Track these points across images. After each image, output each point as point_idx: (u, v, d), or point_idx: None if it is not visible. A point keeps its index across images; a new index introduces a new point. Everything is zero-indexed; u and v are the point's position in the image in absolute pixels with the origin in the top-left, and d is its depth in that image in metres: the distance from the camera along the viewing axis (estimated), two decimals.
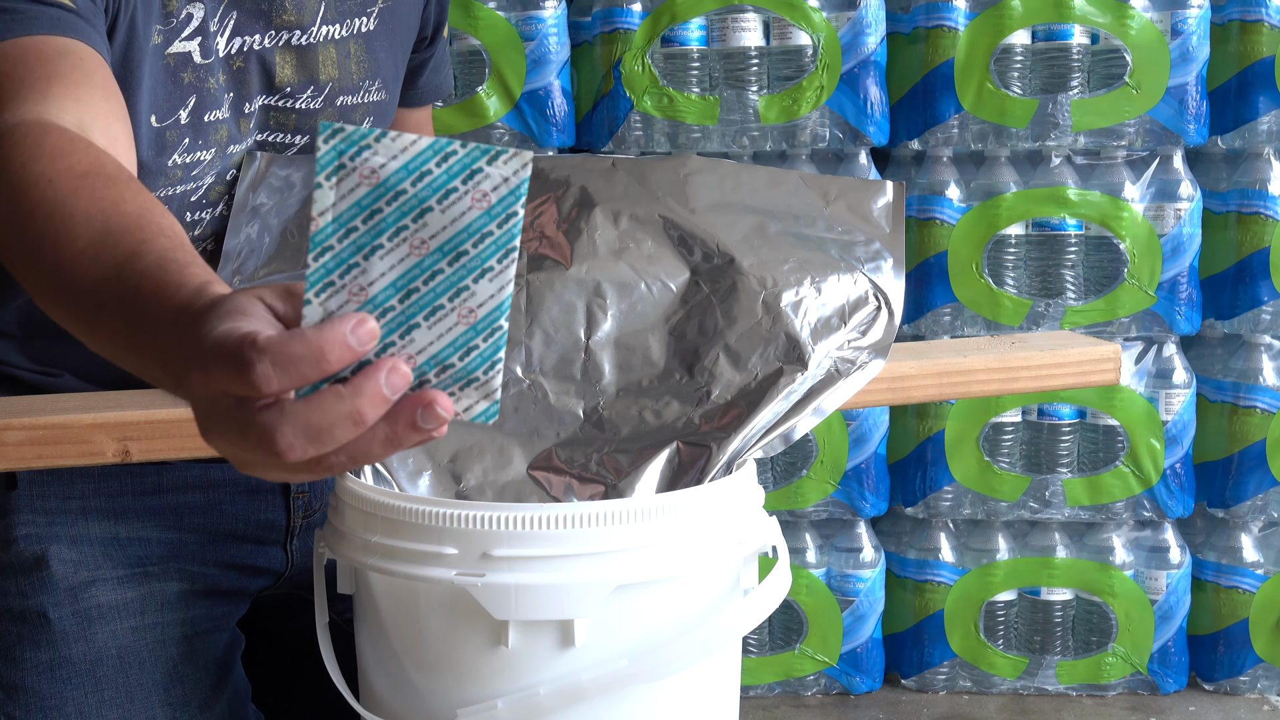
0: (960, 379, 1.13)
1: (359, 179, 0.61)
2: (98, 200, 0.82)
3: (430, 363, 0.65)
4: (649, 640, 0.93)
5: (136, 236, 0.78)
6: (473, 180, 0.61)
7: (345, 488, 0.98)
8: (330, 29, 1.21)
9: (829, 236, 1.13)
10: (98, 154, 0.89)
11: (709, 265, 1.11)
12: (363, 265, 0.62)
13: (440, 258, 0.63)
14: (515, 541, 0.91)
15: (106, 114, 0.97)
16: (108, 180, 0.85)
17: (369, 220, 0.62)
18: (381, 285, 0.63)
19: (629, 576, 0.91)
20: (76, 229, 0.80)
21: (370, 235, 0.62)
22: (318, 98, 1.21)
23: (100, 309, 0.76)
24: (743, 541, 0.96)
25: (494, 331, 0.64)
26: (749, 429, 1.01)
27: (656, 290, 1.10)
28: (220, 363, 0.62)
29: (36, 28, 0.99)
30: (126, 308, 0.74)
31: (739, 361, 1.05)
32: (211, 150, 1.16)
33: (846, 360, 1.06)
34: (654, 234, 1.13)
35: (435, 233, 0.62)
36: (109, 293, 0.76)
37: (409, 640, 0.96)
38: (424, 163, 0.61)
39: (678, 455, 1.02)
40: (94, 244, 0.78)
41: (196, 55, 1.13)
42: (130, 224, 0.79)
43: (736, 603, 0.98)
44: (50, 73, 0.96)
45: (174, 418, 1.01)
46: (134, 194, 0.84)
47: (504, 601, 0.91)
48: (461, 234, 0.62)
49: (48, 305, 0.83)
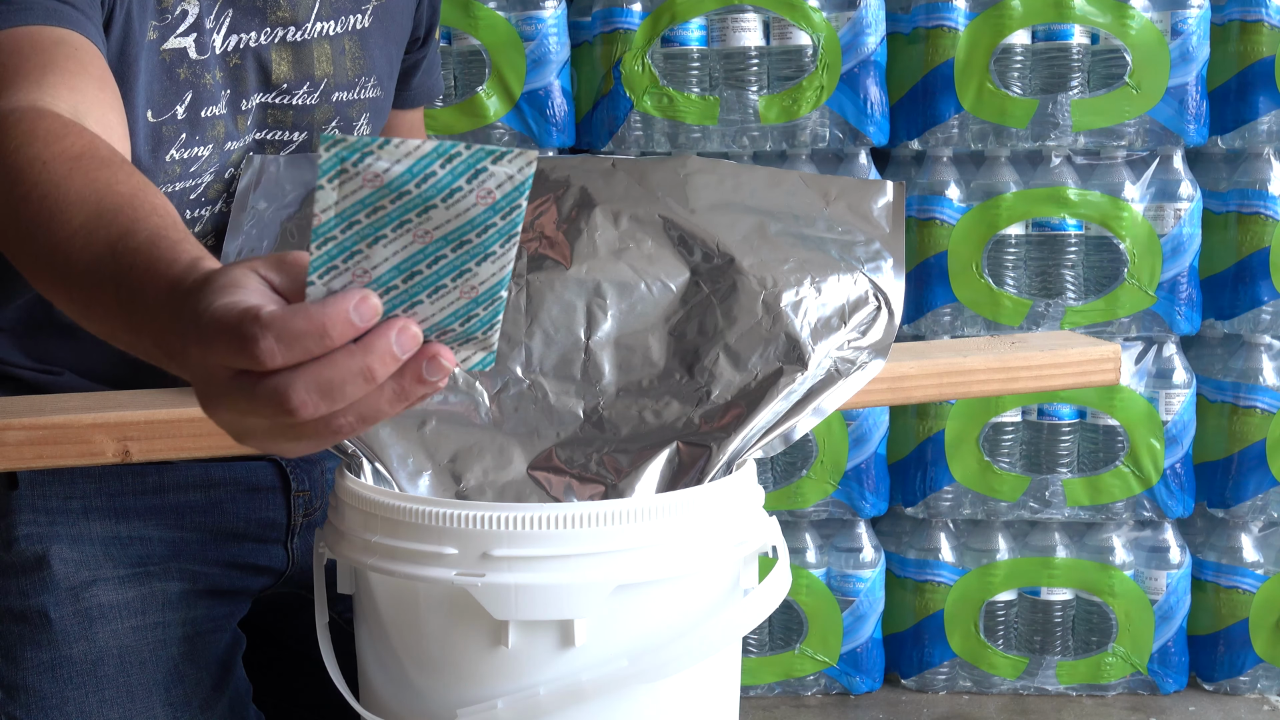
0: (960, 379, 1.13)
1: (362, 182, 0.61)
2: (91, 181, 0.83)
3: (432, 329, 0.66)
4: (649, 640, 0.93)
5: (129, 215, 0.79)
6: (478, 179, 0.62)
7: (345, 488, 0.98)
8: (325, 25, 1.21)
9: (829, 236, 1.14)
10: (91, 138, 0.90)
11: (709, 265, 1.11)
12: (366, 252, 0.63)
13: (444, 245, 0.63)
14: (515, 541, 0.91)
15: (101, 103, 0.98)
16: (101, 162, 0.86)
17: (372, 215, 0.62)
18: (385, 269, 0.64)
19: (629, 576, 0.91)
20: (70, 210, 0.81)
21: (373, 227, 0.62)
22: (314, 94, 1.21)
23: (95, 287, 0.77)
24: (743, 541, 0.96)
25: (494, 301, 0.66)
26: (749, 429, 1.01)
27: (656, 290, 1.10)
28: (222, 337, 0.62)
29: (32, 17, 1.00)
30: (120, 285, 0.75)
31: (739, 361, 1.05)
32: (209, 146, 1.16)
33: (846, 360, 1.06)
34: (654, 234, 1.13)
35: (439, 225, 0.63)
36: (103, 271, 0.76)
37: (409, 640, 0.96)
38: (428, 165, 0.61)
39: (678, 455, 1.02)
40: (88, 224, 0.79)
41: (192, 51, 1.13)
42: (123, 203, 0.80)
43: (736, 603, 0.98)
44: (45, 61, 0.97)
45: (174, 418, 1.01)
46: (127, 175, 0.85)
47: (504, 601, 0.91)
48: (465, 226, 0.63)
49: (44, 286, 0.83)
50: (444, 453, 1.03)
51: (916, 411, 2.34)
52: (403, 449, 1.03)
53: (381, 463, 1.02)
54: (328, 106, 1.23)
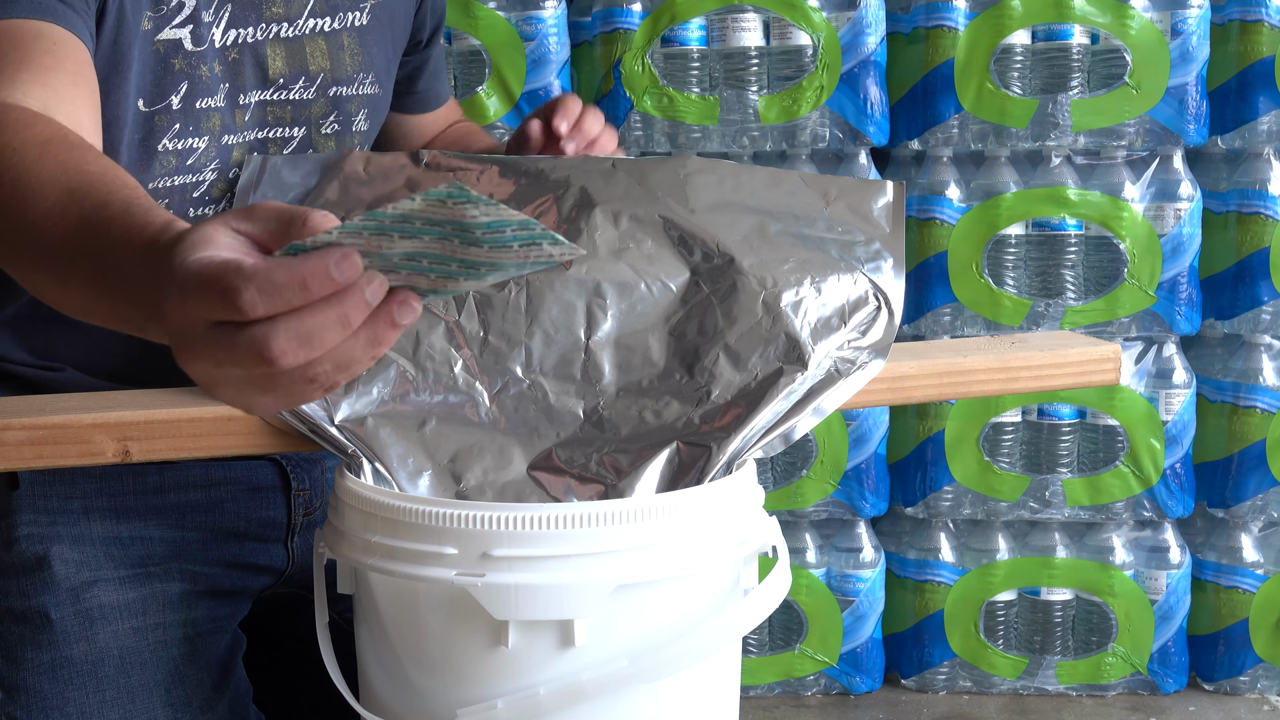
0: (960, 379, 1.13)
1: (448, 214, 0.64)
2: (61, 163, 0.85)
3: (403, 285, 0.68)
4: (649, 640, 0.93)
5: (102, 190, 0.81)
6: (526, 245, 0.65)
7: (345, 487, 0.98)
8: (319, 22, 1.22)
9: (829, 236, 1.13)
10: (60, 126, 0.92)
11: (709, 265, 1.11)
12: (390, 235, 0.65)
13: (461, 263, 0.67)
14: (515, 541, 0.90)
15: (73, 99, 1.00)
16: (70, 145, 0.88)
17: (428, 226, 0.65)
18: (398, 251, 0.66)
19: (629, 576, 0.91)
20: (44, 189, 0.83)
21: (418, 231, 0.65)
22: (310, 88, 1.22)
23: (71, 261, 0.79)
24: (743, 541, 0.96)
25: (489, 274, 0.68)
26: (749, 429, 1.01)
27: (656, 290, 1.10)
28: (202, 288, 0.64)
29: (16, 11, 1.02)
30: (96, 253, 0.77)
31: (739, 361, 1.05)
32: (204, 138, 1.16)
33: (846, 360, 1.06)
34: (654, 234, 1.12)
35: (470, 254, 0.66)
36: (78, 242, 0.79)
37: (409, 640, 0.96)
38: (503, 226, 0.64)
39: (678, 455, 1.02)
40: (60, 201, 0.82)
41: (188, 42, 1.14)
42: (95, 180, 0.82)
43: (736, 603, 0.98)
44: (21, 57, 0.99)
45: (174, 418, 1.01)
46: (95, 157, 0.87)
47: (504, 601, 0.90)
48: (489, 264, 0.66)
49: (20, 268, 0.85)
50: (444, 453, 1.03)
51: (916, 411, 2.33)
52: (403, 449, 1.03)
53: (381, 463, 1.02)
54: (324, 101, 1.24)
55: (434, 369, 1.06)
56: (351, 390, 1.04)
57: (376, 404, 1.04)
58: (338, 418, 1.03)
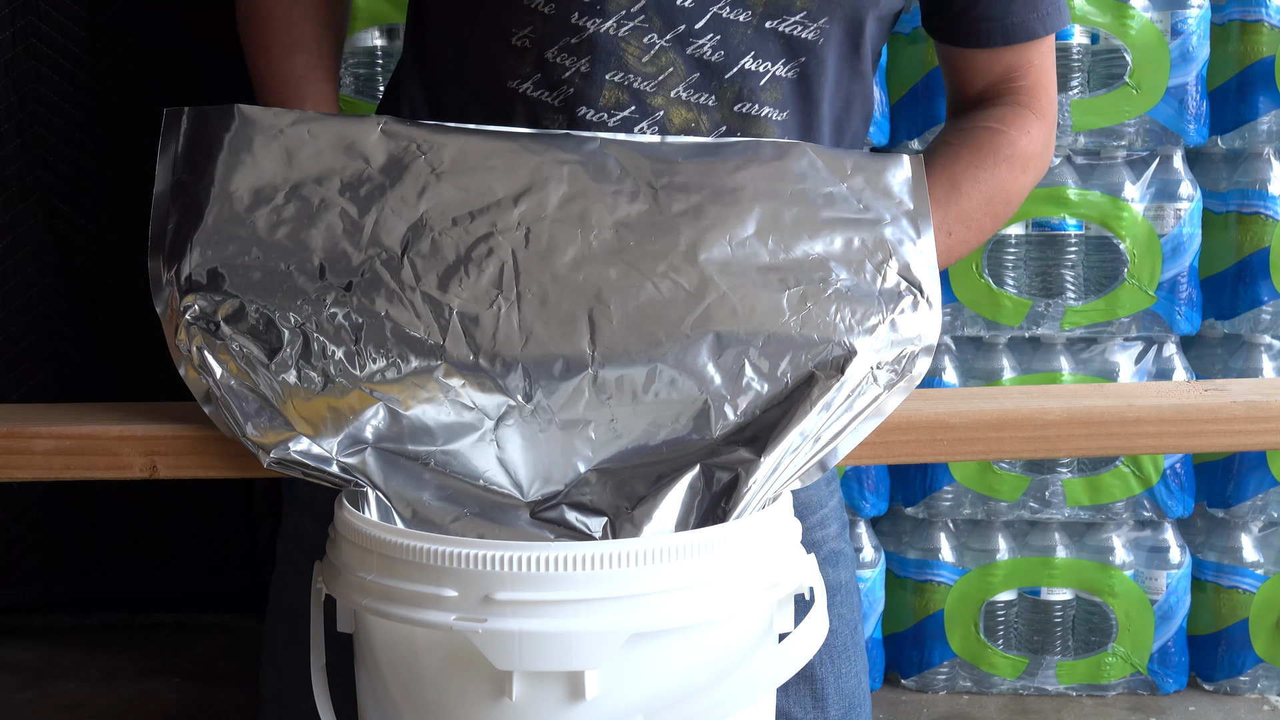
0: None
1: None
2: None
3: None
4: (668, 694, 0.80)
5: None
6: None
7: (341, 520, 0.85)
8: None
9: (851, 217, 0.98)
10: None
11: (722, 258, 0.96)
12: None
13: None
14: (520, 584, 0.77)
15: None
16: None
17: None
18: None
19: (645, 624, 0.78)
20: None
21: None
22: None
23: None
24: (775, 584, 0.82)
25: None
26: (780, 448, 0.87)
27: (666, 290, 0.95)
28: None
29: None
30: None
31: (765, 370, 0.91)
32: None
33: (889, 363, 0.92)
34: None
35: None
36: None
37: (407, 688, 0.83)
38: None
39: (700, 481, 0.88)
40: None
41: None
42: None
43: (768, 651, 0.84)
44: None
45: (202, 435, 0.92)
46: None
47: (507, 650, 0.77)
48: None
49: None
50: (444, 481, 0.90)
51: None
52: (399, 481, 0.89)
53: (384, 493, 0.88)
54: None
55: (426, 396, 0.92)
56: (341, 429, 0.90)
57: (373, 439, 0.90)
58: (336, 454, 0.89)
